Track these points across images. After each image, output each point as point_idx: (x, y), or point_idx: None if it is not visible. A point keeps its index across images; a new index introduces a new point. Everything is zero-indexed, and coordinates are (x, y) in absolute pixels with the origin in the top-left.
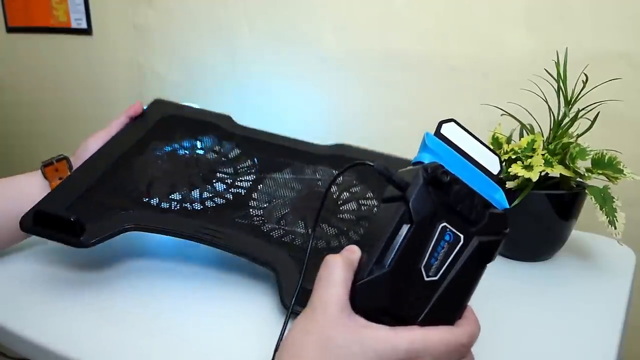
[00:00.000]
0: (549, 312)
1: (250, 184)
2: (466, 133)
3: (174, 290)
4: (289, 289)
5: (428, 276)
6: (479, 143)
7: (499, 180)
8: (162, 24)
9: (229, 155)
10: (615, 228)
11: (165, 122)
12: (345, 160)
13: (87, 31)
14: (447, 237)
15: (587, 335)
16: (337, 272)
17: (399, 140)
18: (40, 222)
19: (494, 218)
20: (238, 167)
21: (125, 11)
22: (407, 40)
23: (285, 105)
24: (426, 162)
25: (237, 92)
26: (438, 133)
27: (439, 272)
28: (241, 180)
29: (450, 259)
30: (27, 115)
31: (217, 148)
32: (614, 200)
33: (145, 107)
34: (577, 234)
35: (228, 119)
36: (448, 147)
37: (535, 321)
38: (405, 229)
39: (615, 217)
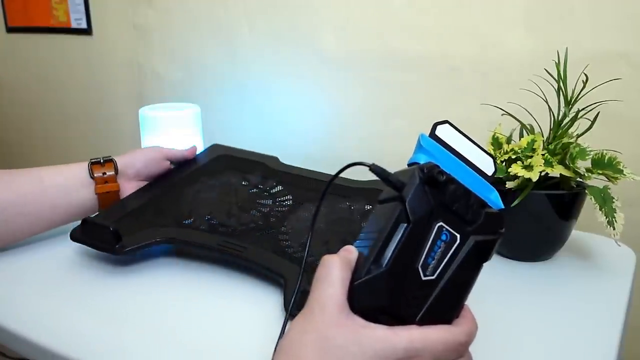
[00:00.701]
0: (549, 312)
1: (283, 213)
2: (460, 134)
3: (175, 290)
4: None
5: (425, 275)
6: (473, 144)
7: (494, 181)
8: (162, 24)
9: (271, 191)
10: (614, 229)
11: (217, 160)
12: (378, 192)
13: (87, 31)
14: (443, 237)
15: (587, 335)
16: (334, 272)
17: (399, 140)
18: (86, 231)
19: (490, 217)
20: (276, 200)
21: (125, 11)
22: (407, 40)
23: (285, 105)
24: (422, 162)
25: (237, 92)
26: (433, 134)
27: (436, 271)
28: (276, 210)
29: (447, 258)
30: (27, 114)
31: (260, 184)
32: (613, 200)
33: (202, 150)
34: (577, 234)
35: (275, 159)
36: (443, 148)
37: (535, 321)
38: (402, 228)
39: (615, 217)
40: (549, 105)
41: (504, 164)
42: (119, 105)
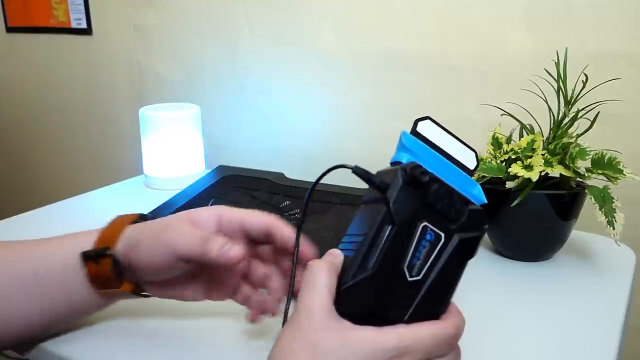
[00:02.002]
0: (549, 312)
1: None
2: (442, 130)
3: None
4: None
5: (411, 276)
6: (454, 139)
7: (474, 174)
8: (162, 24)
9: (279, 206)
10: (614, 229)
11: (224, 181)
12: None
13: (87, 31)
14: (428, 237)
15: (587, 335)
16: (321, 277)
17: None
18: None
19: (473, 214)
20: (284, 214)
21: (125, 11)
22: (407, 40)
23: (285, 105)
24: (404, 161)
25: (237, 92)
26: (414, 131)
27: (422, 271)
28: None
29: (432, 257)
30: (27, 114)
31: (268, 200)
32: (613, 200)
33: (209, 172)
34: (577, 234)
35: (281, 175)
36: (425, 145)
37: (535, 321)
38: (387, 230)
39: (614, 217)
40: (548, 105)
41: (503, 164)
42: (119, 105)
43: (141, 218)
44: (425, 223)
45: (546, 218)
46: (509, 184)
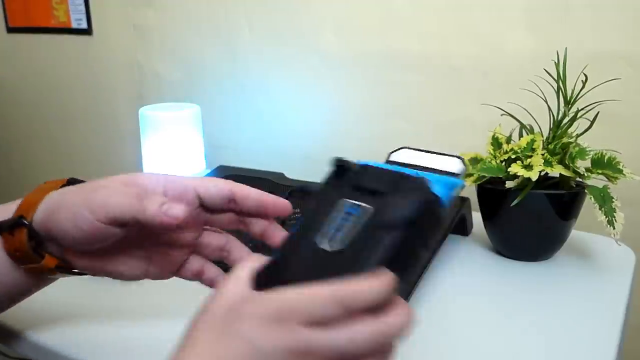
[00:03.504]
0: (549, 311)
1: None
2: (421, 152)
3: (176, 291)
4: None
5: (332, 247)
6: (437, 155)
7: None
8: (162, 24)
9: None
10: (614, 228)
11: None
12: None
13: (87, 31)
14: (352, 211)
15: (587, 335)
16: (242, 272)
17: (399, 140)
18: None
19: (410, 188)
20: None
21: (125, 11)
22: (407, 40)
23: (285, 105)
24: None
25: (236, 92)
26: (387, 161)
27: (344, 243)
28: (286, 224)
29: (358, 230)
30: (27, 115)
31: None
32: (613, 200)
33: (209, 172)
34: (577, 234)
35: (281, 175)
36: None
37: (535, 321)
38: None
39: (614, 217)
40: (548, 105)
41: (503, 163)
42: (119, 105)
43: (70, 182)
44: (347, 199)
45: (546, 218)
46: (509, 184)
